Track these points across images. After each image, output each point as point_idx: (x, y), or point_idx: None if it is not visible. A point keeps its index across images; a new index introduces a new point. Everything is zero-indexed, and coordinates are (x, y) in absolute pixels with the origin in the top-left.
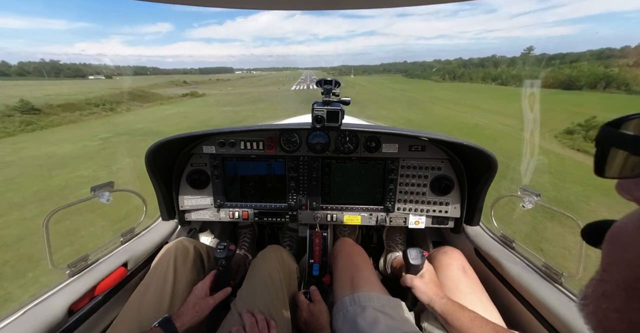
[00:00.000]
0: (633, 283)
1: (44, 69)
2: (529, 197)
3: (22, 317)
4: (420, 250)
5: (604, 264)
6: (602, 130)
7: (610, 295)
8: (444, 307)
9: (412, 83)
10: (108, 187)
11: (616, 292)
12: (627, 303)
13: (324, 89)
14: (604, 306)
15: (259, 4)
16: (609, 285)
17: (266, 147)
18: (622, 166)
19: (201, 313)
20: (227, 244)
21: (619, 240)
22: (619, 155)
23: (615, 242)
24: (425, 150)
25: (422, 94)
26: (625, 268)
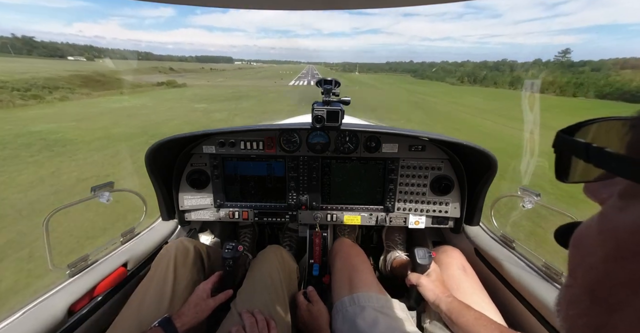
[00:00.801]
0: (595, 287)
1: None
2: (528, 197)
3: (22, 317)
4: (427, 250)
5: (570, 268)
6: (556, 137)
7: (576, 301)
8: (449, 305)
9: (425, 85)
10: (108, 187)
11: (581, 297)
12: (591, 309)
13: (324, 89)
14: (571, 312)
15: (259, 4)
16: (574, 290)
17: (266, 147)
18: (578, 172)
19: (202, 314)
20: (235, 244)
21: (582, 244)
22: (574, 161)
23: (579, 246)
24: (425, 150)
25: (445, 99)
26: (587, 273)
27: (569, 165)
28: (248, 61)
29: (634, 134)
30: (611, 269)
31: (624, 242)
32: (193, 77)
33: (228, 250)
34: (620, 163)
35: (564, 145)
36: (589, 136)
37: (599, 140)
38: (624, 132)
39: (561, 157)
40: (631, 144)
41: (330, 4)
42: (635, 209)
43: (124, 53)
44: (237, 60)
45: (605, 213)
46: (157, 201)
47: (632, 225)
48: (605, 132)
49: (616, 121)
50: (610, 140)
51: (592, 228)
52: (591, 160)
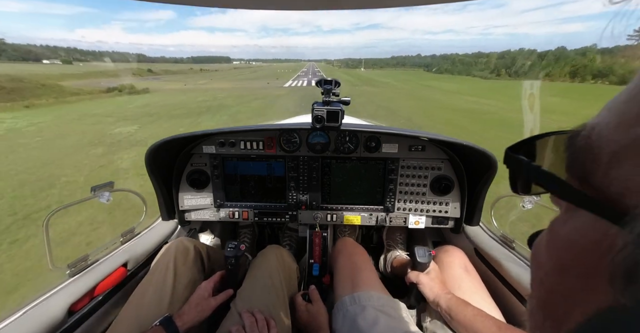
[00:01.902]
0: (545, 301)
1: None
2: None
3: (22, 318)
4: (427, 249)
5: (531, 279)
6: (505, 154)
7: (534, 313)
8: (449, 302)
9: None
10: (108, 187)
11: (536, 310)
12: (544, 322)
13: (324, 89)
14: (532, 324)
15: (259, 4)
16: (532, 301)
17: (266, 147)
18: (530, 187)
19: (203, 314)
20: (237, 243)
21: (535, 257)
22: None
23: (533, 258)
24: (425, 150)
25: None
26: (539, 286)
27: (513, 179)
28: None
29: (569, 154)
30: (554, 283)
31: (562, 256)
32: (170, 79)
33: (230, 249)
34: (553, 182)
35: (510, 162)
36: (538, 152)
37: (545, 157)
38: (562, 150)
39: (512, 173)
40: (567, 164)
41: (330, 4)
42: (572, 223)
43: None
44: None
45: (552, 226)
46: (157, 201)
47: (569, 240)
48: (549, 149)
49: (561, 136)
50: (553, 158)
51: (542, 241)
52: (530, 178)
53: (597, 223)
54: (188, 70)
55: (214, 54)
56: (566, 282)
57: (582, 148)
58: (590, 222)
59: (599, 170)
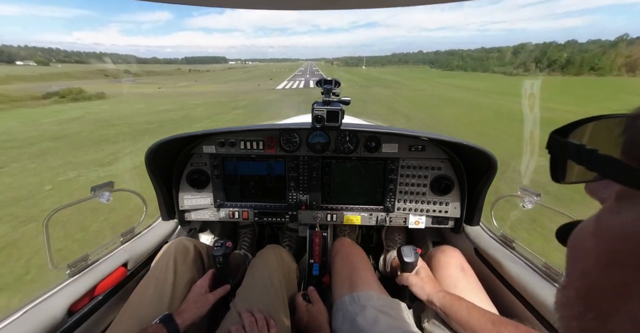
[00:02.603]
0: (588, 292)
1: None
2: (529, 197)
3: (22, 317)
4: (413, 248)
5: (566, 270)
6: (550, 139)
7: (571, 303)
8: (442, 300)
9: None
10: (108, 187)
11: (574, 300)
12: (584, 313)
13: (324, 89)
14: (566, 314)
15: (259, 4)
16: (569, 292)
17: (266, 146)
18: (574, 173)
19: (202, 309)
20: (224, 242)
21: (577, 246)
22: (569, 163)
23: (574, 248)
24: (425, 150)
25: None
26: (581, 277)
27: (565, 166)
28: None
29: (628, 135)
30: (603, 275)
31: (616, 247)
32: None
33: (217, 247)
34: (612, 166)
35: (557, 147)
36: (585, 136)
37: (595, 140)
38: (619, 132)
39: (555, 159)
40: (625, 146)
41: (328, 4)
42: (629, 213)
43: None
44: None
45: (601, 215)
46: (157, 201)
47: (625, 230)
48: (600, 132)
49: (612, 120)
50: (605, 141)
51: (587, 231)
52: (584, 163)
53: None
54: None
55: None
56: (619, 273)
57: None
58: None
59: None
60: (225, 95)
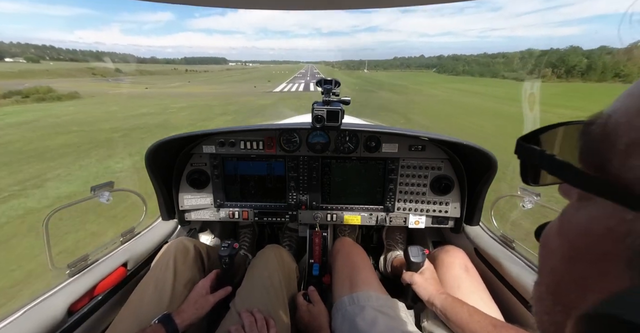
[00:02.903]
0: (556, 287)
1: None
2: (529, 197)
3: (22, 317)
4: (420, 248)
5: (539, 267)
6: (517, 145)
7: (542, 298)
8: (443, 302)
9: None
10: (108, 186)
11: (545, 295)
12: (553, 307)
13: (324, 89)
14: (539, 308)
15: (259, 4)
16: (541, 288)
17: (266, 146)
18: (546, 176)
19: (201, 311)
20: (231, 242)
21: (545, 244)
22: (531, 166)
23: (543, 245)
24: (425, 150)
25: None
26: (549, 273)
27: (535, 170)
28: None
29: (583, 142)
30: (566, 270)
31: (575, 244)
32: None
33: (224, 248)
34: (568, 171)
35: (522, 152)
36: (554, 142)
37: (562, 146)
38: (577, 138)
39: (523, 164)
40: (581, 152)
41: (328, 4)
42: (586, 211)
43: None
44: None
45: (564, 214)
46: (157, 201)
47: (583, 227)
48: (566, 138)
49: (574, 126)
50: (568, 146)
51: (553, 229)
52: (544, 167)
53: (613, 210)
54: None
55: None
56: (578, 268)
57: (597, 136)
58: (605, 209)
59: (616, 158)
60: (217, 98)
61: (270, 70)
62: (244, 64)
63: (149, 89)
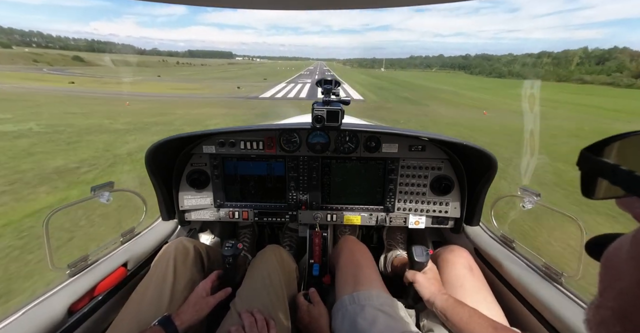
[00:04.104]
0: (626, 313)
1: None
2: (529, 197)
3: (22, 317)
4: (424, 248)
5: (600, 288)
6: (580, 156)
7: (607, 323)
8: (444, 302)
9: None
10: (108, 187)
11: (611, 320)
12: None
13: (324, 89)
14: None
15: (259, 4)
16: (605, 311)
17: (266, 146)
18: (604, 190)
19: (201, 312)
20: (235, 242)
21: (612, 265)
22: (600, 180)
23: (609, 266)
24: (425, 150)
25: None
26: (618, 296)
27: (596, 183)
28: (251, 57)
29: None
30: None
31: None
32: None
33: (228, 247)
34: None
35: (589, 165)
36: (616, 153)
37: (627, 158)
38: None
39: (587, 176)
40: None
41: (329, 4)
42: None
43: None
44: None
45: (638, 235)
46: (157, 201)
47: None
48: (634, 149)
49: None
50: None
51: (623, 250)
52: (619, 183)
53: None
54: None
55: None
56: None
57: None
58: None
59: None
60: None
61: (275, 66)
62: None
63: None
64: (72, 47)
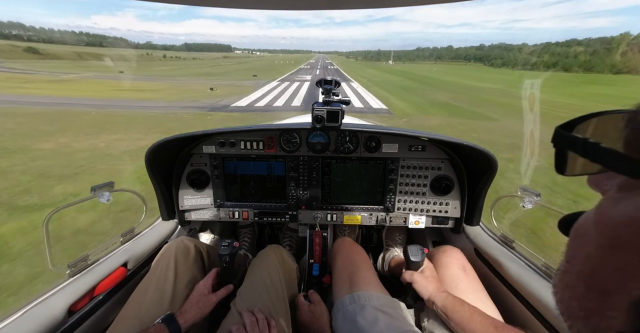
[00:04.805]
0: (591, 274)
1: None
2: (529, 197)
3: (22, 317)
4: (420, 247)
5: (567, 255)
6: (555, 133)
7: (572, 286)
8: (444, 301)
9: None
10: (108, 187)
11: (576, 282)
12: (585, 293)
13: (324, 89)
14: (567, 295)
15: (259, 4)
16: (571, 276)
17: (266, 147)
18: (578, 166)
19: (204, 310)
20: (231, 241)
21: (580, 233)
22: (572, 156)
23: (577, 235)
24: (425, 150)
25: None
26: (584, 261)
27: (568, 159)
28: (250, 50)
29: (630, 129)
30: (606, 258)
31: (618, 233)
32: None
33: (224, 247)
34: (615, 158)
35: (562, 140)
36: (589, 131)
37: (598, 134)
38: (622, 126)
39: (560, 152)
40: (627, 139)
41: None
42: (630, 202)
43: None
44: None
45: (603, 205)
46: (157, 201)
47: (626, 217)
48: (604, 127)
49: (615, 115)
50: (608, 135)
51: (589, 219)
52: (588, 155)
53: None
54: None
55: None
56: (621, 255)
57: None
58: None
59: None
60: (22, 127)
61: (274, 59)
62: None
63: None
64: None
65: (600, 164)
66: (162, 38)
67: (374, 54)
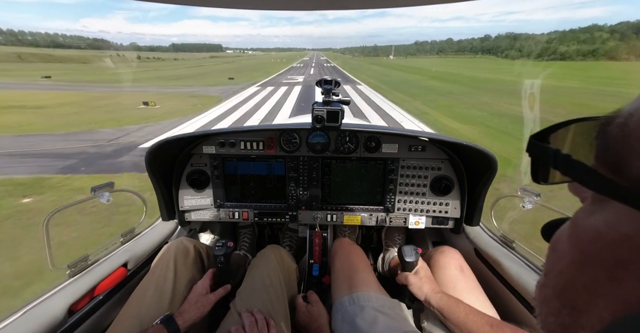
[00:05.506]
0: (563, 290)
1: None
2: (529, 198)
3: (22, 318)
4: (413, 247)
5: (545, 269)
6: (529, 143)
7: (548, 300)
8: (440, 301)
9: None
10: (108, 187)
11: (552, 298)
12: (560, 309)
13: (324, 89)
14: (544, 310)
15: (259, 4)
16: (547, 290)
17: (266, 147)
18: (554, 175)
19: (203, 310)
20: (225, 241)
21: (556, 248)
22: (543, 165)
23: (554, 249)
24: (425, 150)
25: None
26: (558, 276)
27: (546, 169)
28: (242, 50)
29: (600, 141)
30: (576, 274)
31: (586, 249)
32: None
33: (219, 247)
34: (583, 173)
35: (535, 151)
36: (567, 139)
37: (575, 144)
38: (593, 136)
39: (535, 162)
40: (597, 151)
41: (329, 4)
42: (599, 216)
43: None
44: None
45: (576, 217)
46: (157, 201)
47: (595, 232)
48: (580, 135)
49: (588, 123)
50: (582, 145)
51: (564, 232)
52: (559, 167)
53: (631, 215)
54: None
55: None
56: (589, 273)
57: (617, 137)
58: (622, 214)
59: (637, 162)
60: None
61: (265, 58)
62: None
63: None
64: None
65: (571, 178)
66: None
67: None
